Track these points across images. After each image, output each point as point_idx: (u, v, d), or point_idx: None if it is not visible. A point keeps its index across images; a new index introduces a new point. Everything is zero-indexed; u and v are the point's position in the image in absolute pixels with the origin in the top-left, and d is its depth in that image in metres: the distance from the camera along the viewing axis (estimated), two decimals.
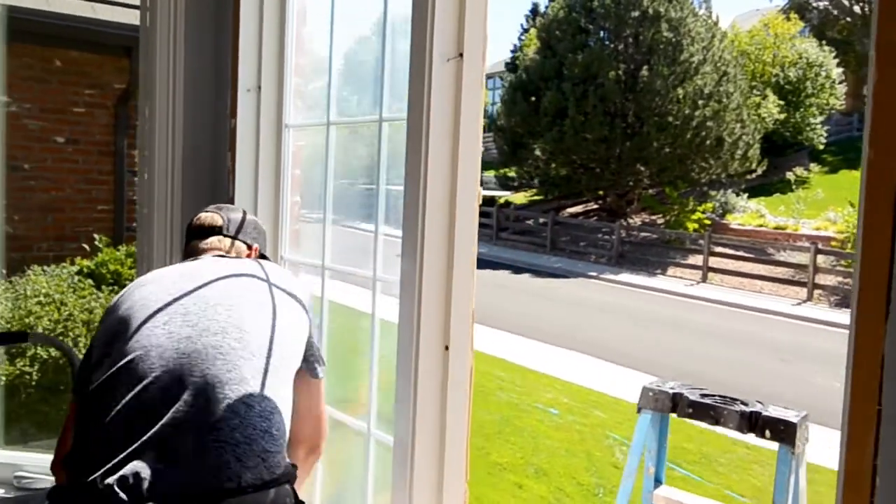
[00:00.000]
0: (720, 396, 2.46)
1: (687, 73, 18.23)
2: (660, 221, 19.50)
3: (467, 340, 1.54)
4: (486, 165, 29.24)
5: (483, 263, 17.17)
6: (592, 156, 19.34)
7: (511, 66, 28.11)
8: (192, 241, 1.55)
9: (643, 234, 19.03)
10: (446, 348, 1.52)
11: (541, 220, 20.41)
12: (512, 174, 23.48)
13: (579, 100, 18.86)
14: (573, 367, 8.77)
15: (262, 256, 1.63)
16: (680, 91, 18.17)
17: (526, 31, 29.83)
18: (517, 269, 16.66)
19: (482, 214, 17.42)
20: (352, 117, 2.04)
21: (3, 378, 3.11)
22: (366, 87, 1.84)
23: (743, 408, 2.36)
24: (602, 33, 19.69)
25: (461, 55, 1.48)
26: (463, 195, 1.51)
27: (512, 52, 31.70)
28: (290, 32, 2.00)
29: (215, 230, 1.55)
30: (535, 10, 28.94)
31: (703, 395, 2.47)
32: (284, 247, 2.04)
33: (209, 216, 1.59)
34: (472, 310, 1.55)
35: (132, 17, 4.12)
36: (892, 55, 0.76)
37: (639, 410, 2.64)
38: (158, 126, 1.93)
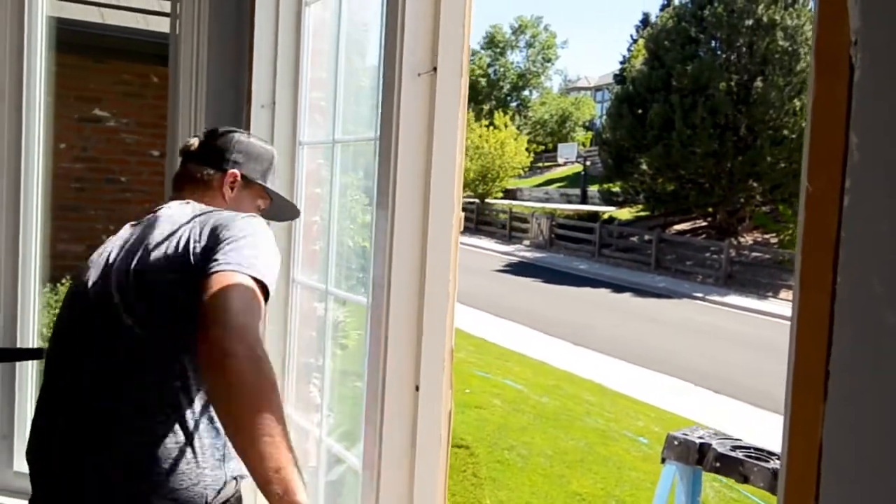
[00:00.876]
0: (756, 449, 2.13)
1: (804, 84, 16.99)
2: (773, 241, 18.25)
3: (442, 380, 1.39)
4: (590, 180, 28.64)
5: (582, 281, 16.86)
6: (701, 171, 18.41)
7: (619, 77, 27.41)
8: (172, 184, 1.47)
9: (754, 253, 17.86)
10: (416, 388, 1.38)
11: (645, 237, 19.63)
12: (616, 189, 22.78)
13: (688, 112, 18.04)
14: (670, 393, 8.26)
15: (249, 182, 1.47)
16: (797, 103, 17.00)
17: (635, 41, 29.02)
18: (618, 288, 16.06)
19: (584, 230, 17.15)
20: (354, 135, 1.95)
21: None
22: (365, 105, 1.75)
23: (777, 465, 2.01)
24: (713, 43, 18.78)
25: (434, 69, 1.37)
26: (437, 221, 1.39)
27: (621, 63, 30.90)
28: (306, 48, 1.94)
29: (190, 156, 1.44)
30: (645, 21, 28.09)
31: (735, 448, 2.15)
32: (297, 269, 1.95)
33: (191, 140, 1.48)
34: (451, 347, 1.40)
35: None
36: (834, 62, 0.59)
37: (663, 461, 2.35)
38: (181, 137, 1.92)
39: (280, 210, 1.63)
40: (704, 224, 20.88)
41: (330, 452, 1.90)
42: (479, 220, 25.61)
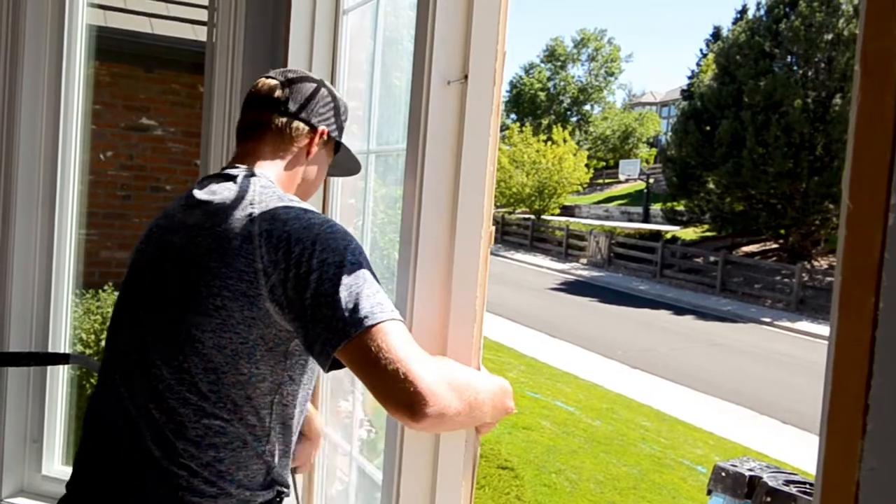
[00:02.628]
0: (811, 485, 1.93)
1: None
2: None
3: None
4: (653, 198, 28.00)
5: (642, 302, 16.41)
6: (773, 191, 17.73)
7: (686, 93, 26.77)
8: (239, 130, 1.27)
9: (829, 278, 17.00)
10: None
11: (711, 259, 18.98)
12: (680, 208, 22.17)
13: (759, 130, 17.42)
14: (732, 421, 7.89)
15: (338, 146, 1.34)
16: None
17: (704, 56, 28.31)
18: (679, 311, 15.55)
19: (646, 249, 16.81)
20: (387, 145, 1.89)
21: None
22: (402, 114, 1.69)
23: None
24: (789, 58, 18.11)
25: (466, 77, 1.29)
26: (464, 235, 1.30)
27: (689, 78, 30.19)
28: (343, 56, 1.90)
29: (271, 103, 1.22)
30: (716, 34, 27.36)
31: (789, 482, 1.95)
32: None
33: (268, 82, 1.25)
34: (478, 363, 1.31)
35: None
36: (884, 67, 0.53)
37: (709, 493, 2.16)
38: (214, 145, 1.90)
39: (341, 165, 1.49)
40: (775, 246, 20.05)
41: (362, 471, 1.85)
42: (534, 237, 25.34)
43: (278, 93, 1.24)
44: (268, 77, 1.27)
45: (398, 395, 0.93)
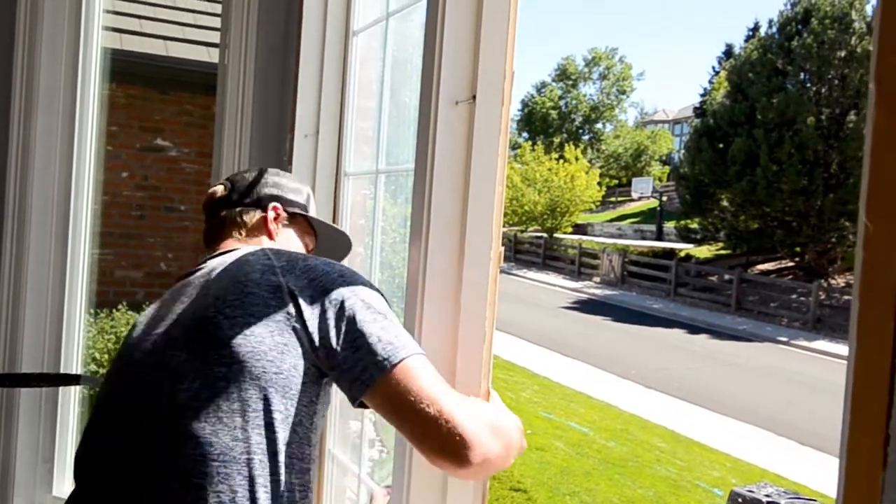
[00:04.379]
0: None
1: None
2: None
3: None
4: (666, 216, 27.87)
5: (656, 320, 16.26)
6: (788, 208, 17.60)
7: (699, 110, 26.74)
8: (205, 239, 1.30)
9: (846, 296, 16.78)
10: None
11: (725, 277, 18.82)
12: (694, 226, 22.04)
13: (773, 147, 17.34)
14: (749, 443, 7.76)
15: (294, 216, 1.34)
16: None
17: (717, 73, 28.30)
18: (694, 329, 15.40)
19: (659, 268, 16.66)
20: (398, 164, 1.89)
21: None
22: (412, 134, 1.71)
23: None
24: (802, 75, 18.06)
25: (474, 98, 1.29)
26: (473, 256, 1.30)
27: (701, 95, 30.18)
28: (353, 77, 1.91)
29: (219, 203, 1.29)
30: (728, 52, 27.36)
31: None
32: None
33: (213, 189, 1.32)
34: (487, 388, 1.29)
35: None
36: None
37: None
38: (225, 164, 1.91)
39: (328, 246, 1.51)
40: (791, 264, 19.86)
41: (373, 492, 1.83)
42: (546, 256, 25.27)
43: (220, 192, 1.30)
44: (218, 184, 1.34)
45: (440, 440, 0.87)
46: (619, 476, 6.24)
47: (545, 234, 26.73)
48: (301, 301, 1.01)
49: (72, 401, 2.13)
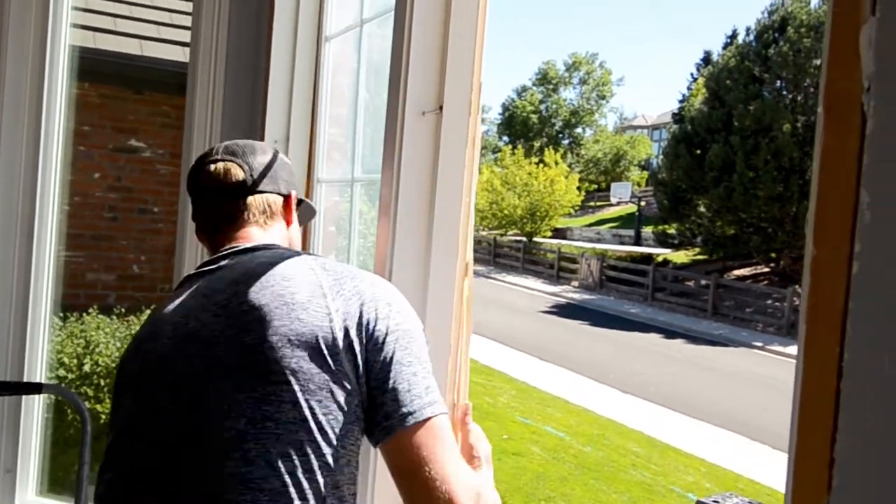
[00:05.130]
0: None
1: None
2: None
3: None
4: (645, 221, 28.10)
5: (633, 325, 16.38)
6: (764, 215, 17.82)
7: (677, 116, 27.01)
8: (206, 225, 1.17)
9: None
10: None
11: (702, 282, 19.01)
12: (671, 231, 22.25)
13: (749, 154, 17.56)
14: (724, 448, 7.83)
15: (299, 202, 1.27)
16: None
17: (695, 80, 28.61)
18: (670, 334, 15.53)
19: (637, 272, 16.77)
20: (372, 173, 1.88)
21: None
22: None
23: None
24: (778, 83, 18.33)
25: (441, 108, 1.30)
26: (439, 267, 1.29)
27: (679, 101, 30.49)
28: (325, 83, 1.89)
29: (240, 188, 1.14)
30: (706, 59, 27.68)
31: None
32: None
33: (222, 166, 1.15)
34: (452, 401, 1.29)
35: None
36: (844, 111, 0.52)
37: None
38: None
39: (303, 215, 1.44)
40: (766, 270, 20.13)
41: None
42: (525, 260, 25.35)
43: (239, 175, 1.16)
44: (216, 160, 1.18)
45: None
46: (595, 481, 6.26)
47: (525, 238, 26.82)
48: (351, 332, 0.94)
49: (36, 408, 2.08)
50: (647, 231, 25.52)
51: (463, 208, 1.29)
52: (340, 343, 0.92)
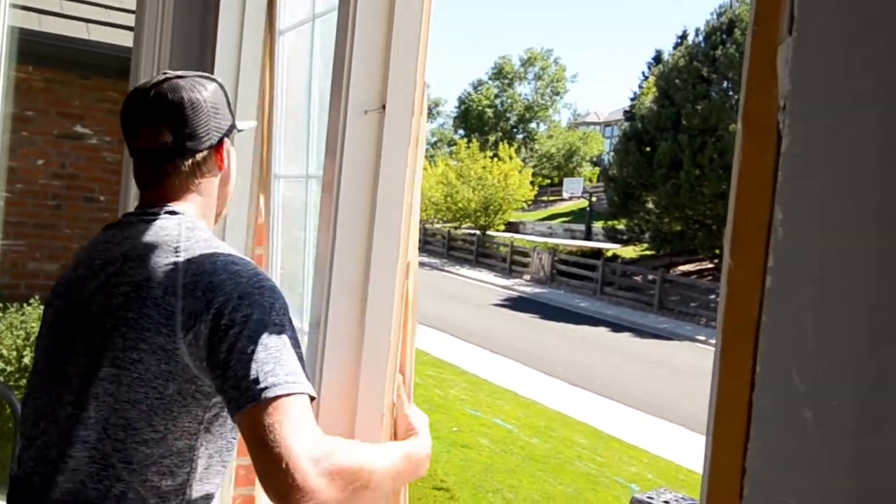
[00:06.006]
0: None
1: None
2: None
3: (380, 438, 1.30)
4: (596, 216, 28.58)
5: (582, 319, 16.66)
6: (709, 212, 18.34)
7: (628, 114, 27.50)
8: (137, 179, 1.18)
9: None
10: None
11: (649, 277, 19.46)
12: (621, 226, 22.70)
13: (696, 152, 18.04)
14: (667, 439, 8.05)
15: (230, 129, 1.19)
16: None
17: (646, 78, 29.14)
18: (618, 328, 15.86)
19: (587, 267, 17.02)
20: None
21: None
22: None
23: None
24: (725, 83, 18.85)
25: (383, 107, 1.28)
26: (379, 266, 1.29)
27: (631, 99, 31.02)
28: (281, 77, 1.86)
29: (163, 154, 1.12)
30: (657, 58, 28.21)
31: None
32: None
33: (150, 129, 1.12)
34: (391, 401, 1.29)
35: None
36: (762, 127, 0.53)
37: None
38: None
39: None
40: (711, 266, 20.71)
41: None
42: (479, 253, 25.49)
43: (167, 137, 1.10)
44: (146, 119, 1.12)
45: (275, 483, 0.90)
46: (542, 472, 6.36)
47: (478, 232, 26.96)
48: (195, 330, 0.99)
49: None
50: (598, 226, 25.96)
51: (405, 208, 1.29)
52: (185, 331, 1.00)
